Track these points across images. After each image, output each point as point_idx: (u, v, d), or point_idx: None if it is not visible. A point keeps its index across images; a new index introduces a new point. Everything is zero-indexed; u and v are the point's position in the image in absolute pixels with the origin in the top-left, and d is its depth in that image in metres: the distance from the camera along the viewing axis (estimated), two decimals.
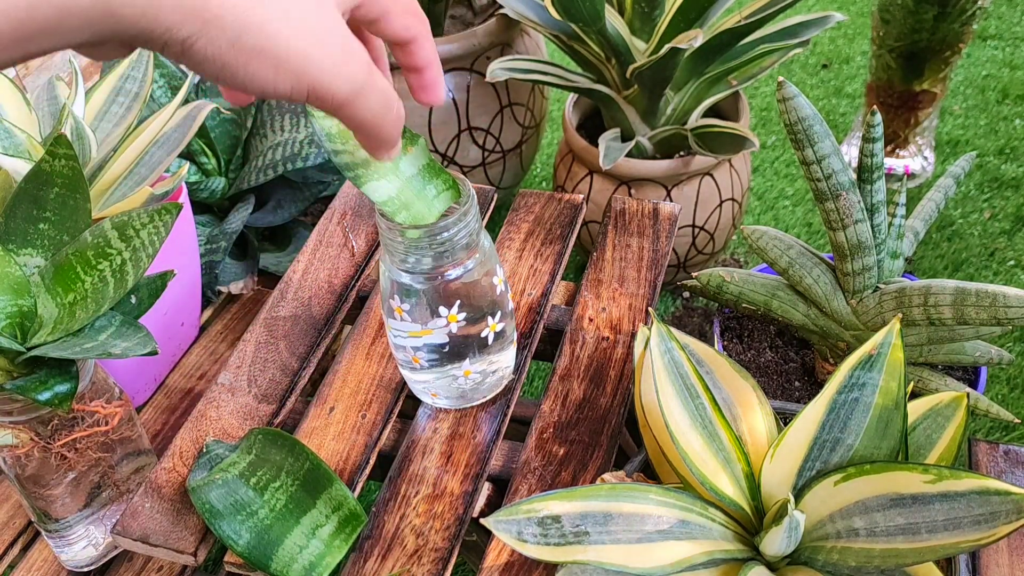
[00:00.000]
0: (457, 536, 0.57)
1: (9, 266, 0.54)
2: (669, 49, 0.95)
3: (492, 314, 0.58)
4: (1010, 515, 0.41)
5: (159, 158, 0.71)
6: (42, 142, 0.69)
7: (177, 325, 0.82)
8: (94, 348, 0.52)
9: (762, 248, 0.75)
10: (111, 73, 0.75)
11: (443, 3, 1.27)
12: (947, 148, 1.48)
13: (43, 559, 0.67)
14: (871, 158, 0.68)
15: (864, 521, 0.45)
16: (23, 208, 0.56)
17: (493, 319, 0.58)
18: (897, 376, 0.47)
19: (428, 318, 0.56)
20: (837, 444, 0.48)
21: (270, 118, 0.94)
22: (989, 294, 0.61)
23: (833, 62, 1.71)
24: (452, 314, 0.56)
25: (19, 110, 0.71)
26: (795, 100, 0.64)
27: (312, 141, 0.89)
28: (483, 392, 0.64)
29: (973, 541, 0.42)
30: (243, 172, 0.94)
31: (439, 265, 0.54)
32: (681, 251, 1.18)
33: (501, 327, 0.59)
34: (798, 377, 0.85)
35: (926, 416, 0.53)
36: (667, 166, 1.10)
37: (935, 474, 0.43)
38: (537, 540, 0.45)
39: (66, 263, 0.55)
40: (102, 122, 0.74)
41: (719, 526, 0.49)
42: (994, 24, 1.75)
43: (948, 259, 1.29)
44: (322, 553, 0.57)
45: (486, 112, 1.26)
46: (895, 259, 0.74)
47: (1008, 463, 0.60)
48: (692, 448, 0.49)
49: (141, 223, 0.55)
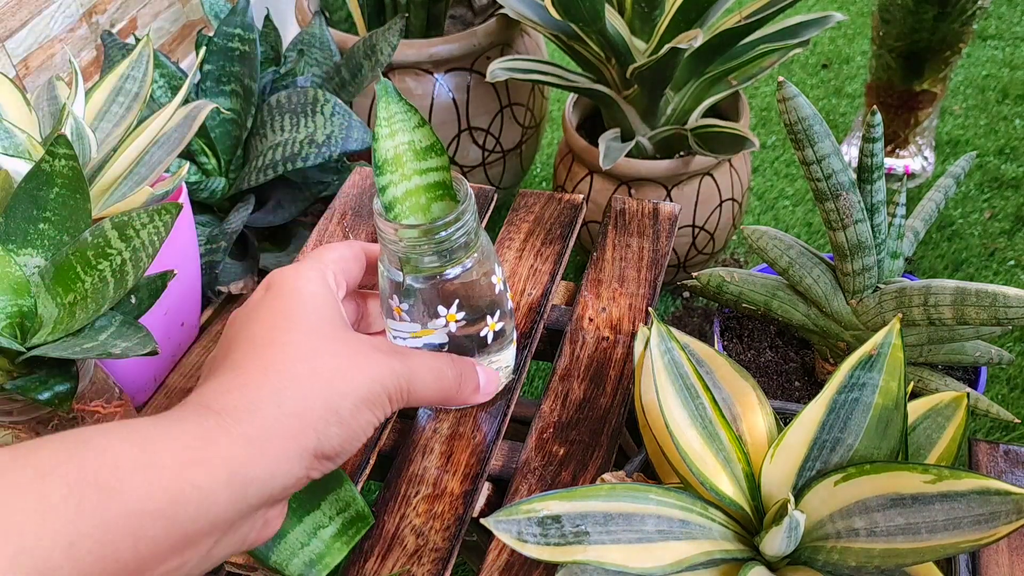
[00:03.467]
0: (457, 536, 0.57)
1: (9, 266, 0.54)
2: (669, 49, 0.95)
3: (491, 313, 0.58)
4: (1010, 515, 0.41)
5: (159, 158, 0.71)
6: (42, 142, 0.69)
7: (177, 325, 0.82)
8: (94, 348, 0.52)
9: (762, 248, 0.75)
10: (111, 73, 0.75)
11: (443, 3, 1.27)
12: (947, 148, 1.48)
13: None
14: (871, 158, 0.68)
15: (864, 521, 0.45)
16: (23, 208, 0.56)
17: (492, 318, 0.58)
18: (897, 376, 0.47)
19: (427, 318, 0.56)
20: (837, 444, 0.48)
21: (270, 118, 0.94)
22: (989, 294, 0.61)
23: (833, 62, 1.71)
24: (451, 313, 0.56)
25: (19, 110, 0.71)
26: (795, 100, 0.64)
27: (312, 141, 0.89)
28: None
29: (973, 541, 0.42)
30: (243, 172, 0.94)
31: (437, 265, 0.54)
32: (681, 251, 1.18)
33: (500, 326, 0.59)
34: (798, 377, 0.85)
35: (926, 416, 0.53)
36: (667, 166, 1.10)
37: (935, 474, 0.43)
38: (537, 540, 0.45)
39: (66, 263, 0.55)
40: (102, 122, 0.74)
41: (719, 526, 0.49)
42: (994, 24, 1.75)
43: (948, 259, 1.29)
44: (322, 553, 0.56)
45: (486, 112, 1.26)
46: (895, 259, 0.74)
47: (1008, 463, 0.60)
48: (692, 448, 0.49)
49: (141, 223, 0.55)
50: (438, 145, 0.52)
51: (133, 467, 0.32)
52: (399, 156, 0.51)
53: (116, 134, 0.72)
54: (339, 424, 0.38)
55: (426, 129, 0.52)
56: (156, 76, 0.95)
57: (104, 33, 1.00)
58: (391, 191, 0.52)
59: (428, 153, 0.52)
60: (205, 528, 0.33)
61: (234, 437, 0.35)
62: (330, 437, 0.37)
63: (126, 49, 0.96)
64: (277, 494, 0.36)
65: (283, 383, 0.37)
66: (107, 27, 1.29)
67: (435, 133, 0.51)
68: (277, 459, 0.36)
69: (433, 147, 0.52)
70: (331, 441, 0.37)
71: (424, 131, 0.52)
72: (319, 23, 1.09)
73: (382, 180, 0.51)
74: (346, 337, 0.41)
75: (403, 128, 0.51)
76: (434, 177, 0.53)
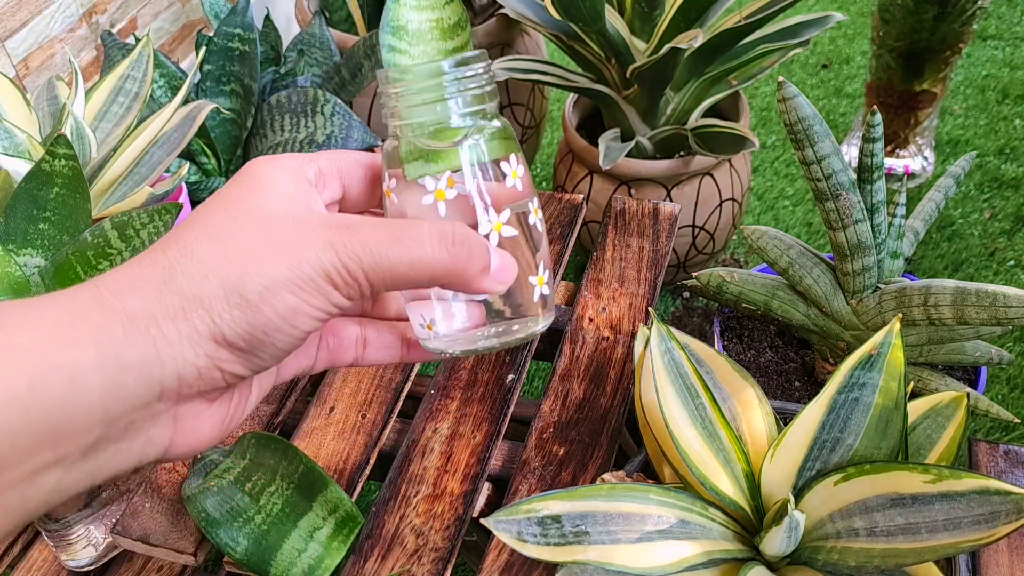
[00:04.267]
0: (457, 536, 0.57)
1: (9, 266, 0.54)
2: (669, 49, 0.95)
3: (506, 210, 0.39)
4: (1010, 515, 0.41)
5: (159, 158, 0.71)
6: (42, 142, 0.69)
7: None
8: None
9: (762, 248, 0.75)
10: (111, 73, 0.75)
11: None
12: (947, 148, 1.48)
13: (43, 559, 0.67)
14: (871, 158, 0.68)
15: (864, 521, 0.45)
16: (23, 208, 0.56)
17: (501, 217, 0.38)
18: (897, 376, 0.47)
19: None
20: (837, 444, 0.48)
21: (270, 118, 0.94)
22: (989, 294, 0.61)
23: (833, 62, 1.71)
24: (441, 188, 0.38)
25: (19, 110, 0.71)
26: (795, 100, 0.64)
27: (312, 141, 0.89)
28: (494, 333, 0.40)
29: (973, 541, 0.42)
30: None
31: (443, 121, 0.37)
32: (681, 251, 1.18)
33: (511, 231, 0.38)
34: (798, 377, 0.85)
35: (926, 416, 0.53)
36: (667, 166, 1.10)
37: (935, 474, 0.43)
38: (537, 540, 0.45)
39: (66, 263, 0.55)
40: (102, 122, 0.74)
41: (719, 526, 0.49)
42: (994, 24, 1.75)
43: (948, 259, 1.29)
44: (321, 556, 0.56)
45: None
46: (895, 259, 0.74)
47: (1008, 463, 0.60)
48: (692, 448, 0.49)
49: (141, 223, 0.55)
50: (464, 19, 0.44)
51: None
52: (423, 33, 0.42)
53: (116, 134, 0.72)
54: (243, 307, 0.31)
55: (455, 4, 0.44)
56: (156, 76, 0.95)
57: (104, 33, 1.00)
58: (403, 60, 0.43)
59: (455, 31, 0.44)
60: (78, 419, 0.29)
61: (110, 313, 0.30)
62: (232, 321, 0.31)
63: (126, 49, 0.96)
64: (171, 385, 0.31)
65: (179, 259, 0.31)
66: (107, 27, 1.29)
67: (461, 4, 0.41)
68: (160, 340, 0.30)
69: (459, 23, 0.44)
70: (234, 326, 0.31)
71: (453, 7, 0.44)
72: (319, 23, 1.09)
73: (399, 47, 0.41)
74: (289, 220, 0.33)
75: (434, 4, 0.43)
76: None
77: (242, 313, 0.31)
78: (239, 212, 0.33)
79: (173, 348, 0.31)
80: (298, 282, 0.32)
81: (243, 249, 0.32)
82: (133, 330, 0.30)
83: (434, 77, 0.36)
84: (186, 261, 0.31)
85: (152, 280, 0.31)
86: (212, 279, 0.31)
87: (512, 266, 0.37)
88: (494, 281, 0.36)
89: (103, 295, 0.30)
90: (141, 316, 0.30)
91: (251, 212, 0.33)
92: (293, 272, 0.32)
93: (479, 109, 0.37)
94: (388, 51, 0.42)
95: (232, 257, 0.32)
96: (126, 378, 0.30)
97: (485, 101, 0.37)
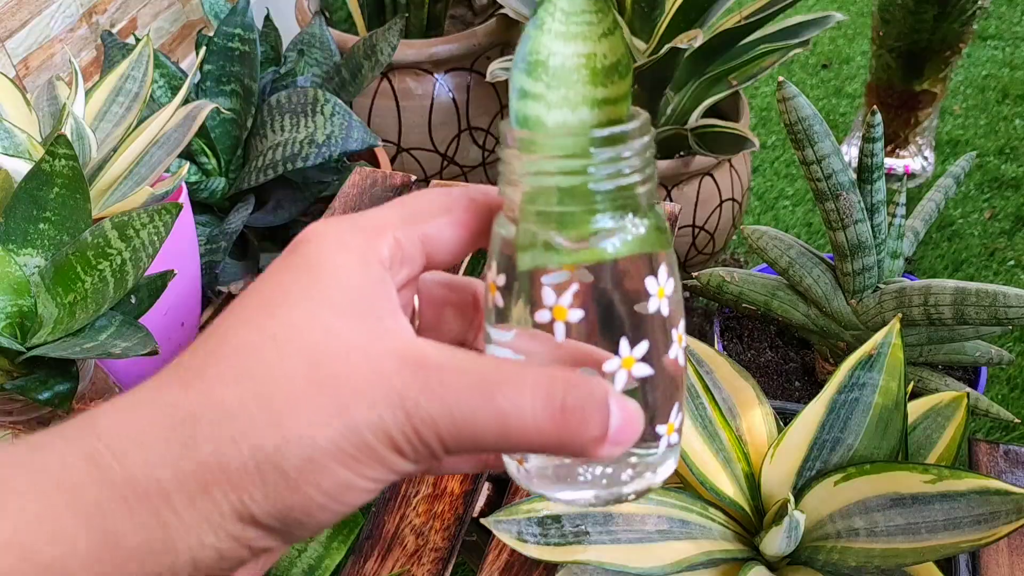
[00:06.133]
0: (457, 536, 0.57)
1: (9, 266, 0.54)
2: (669, 49, 0.95)
3: (635, 340, 0.29)
4: (1010, 515, 0.41)
5: (159, 158, 0.71)
6: (42, 142, 0.69)
7: (177, 325, 0.82)
8: (94, 348, 0.52)
9: (762, 248, 0.75)
10: (111, 73, 0.75)
11: (443, 3, 1.27)
12: (947, 148, 1.48)
13: None
14: (871, 158, 0.68)
15: (864, 521, 0.45)
16: (23, 208, 0.56)
17: (633, 350, 0.29)
18: (897, 376, 0.47)
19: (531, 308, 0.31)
20: (837, 444, 0.48)
21: (270, 118, 0.94)
22: (989, 294, 0.61)
23: (833, 62, 1.71)
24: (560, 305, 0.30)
25: (19, 110, 0.71)
26: (795, 100, 0.64)
27: (312, 141, 0.89)
28: (604, 474, 0.29)
29: (973, 541, 0.42)
30: (243, 172, 0.94)
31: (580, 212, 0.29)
32: (681, 251, 1.18)
33: (647, 372, 0.29)
34: (798, 377, 0.85)
35: (926, 416, 0.53)
36: (667, 166, 1.10)
37: (935, 474, 0.43)
38: (537, 540, 0.45)
39: (66, 263, 0.55)
40: (102, 122, 0.74)
41: (719, 526, 0.49)
42: (994, 24, 1.75)
43: (948, 259, 1.29)
44: (321, 555, 0.57)
45: (486, 112, 1.26)
46: (895, 259, 0.74)
47: (1008, 463, 0.60)
48: (692, 448, 0.49)
49: (141, 223, 0.55)
50: (624, 62, 0.31)
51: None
52: (567, 71, 0.31)
53: (116, 134, 0.72)
54: (279, 485, 0.25)
55: (616, 39, 0.31)
56: (156, 76, 0.95)
57: (104, 33, 1.00)
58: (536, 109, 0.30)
59: (610, 75, 0.31)
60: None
61: (110, 486, 0.24)
62: (264, 501, 0.25)
63: (126, 49, 0.96)
64: (185, 571, 0.25)
65: (202, 407, 0.25)
66: (107, 27, 1.29)
67: (624, 42, 0.30)
68: (172, 523, 0.24)
69: (617, 66, 0.31)
70: (266, 506, 0.25)
71: (612, 41, 0.31)
72: (319, 23, 1.09)
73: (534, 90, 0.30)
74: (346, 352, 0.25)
75: (586, 33, 0.30)
76: (609, 113, 0.30)
77: (277, 492, 0.25)
78: (283, 326, 0.26)
79: (190, 534, 0.25)
80: (352, 451, 0.25)
81: (283, 396, 0.25)
82: (140, 509, 0.24)
83: (577, 155, 0.27)
84: (211, 414, 0.25)
85: (165, 437, 0.25)
86: (243, 445, 0.25)
87: (637, 421, 0.27)
88: (612, 445, 0.26)
89: (101, 455, 0.25)
90: (150, 491, 0.24)
91: (299, 329, 0.26)
92: (347, 440, 0.25)
93: (629, 200, 0.27)
94: (519, 97, 0.31)
95: (269, 410, 0.25)
96: (128, 568, 0.24)
97: (637, 189, 0.27)
